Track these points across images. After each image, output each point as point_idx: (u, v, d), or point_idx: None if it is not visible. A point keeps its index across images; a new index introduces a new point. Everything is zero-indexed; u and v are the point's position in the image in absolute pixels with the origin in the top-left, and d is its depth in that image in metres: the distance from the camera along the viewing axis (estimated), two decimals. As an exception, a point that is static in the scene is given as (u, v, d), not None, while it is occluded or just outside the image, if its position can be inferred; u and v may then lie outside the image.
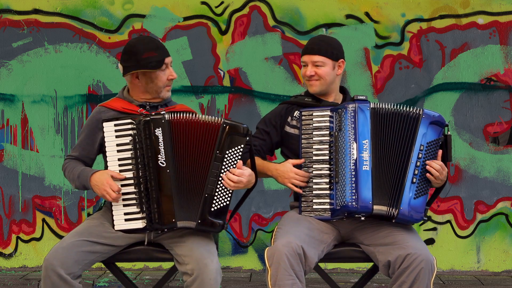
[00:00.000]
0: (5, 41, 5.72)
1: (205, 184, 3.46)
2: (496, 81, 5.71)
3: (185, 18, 5.73)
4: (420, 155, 3.52)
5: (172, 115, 3.48)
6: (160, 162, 3.45)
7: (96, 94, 5.72)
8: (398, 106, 3.57)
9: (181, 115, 3.49)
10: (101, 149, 3.61)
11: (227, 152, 3.46)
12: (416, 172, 3.51)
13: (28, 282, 5.39)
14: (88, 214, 5.69)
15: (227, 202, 3.47)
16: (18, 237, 5.76)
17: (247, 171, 3.52)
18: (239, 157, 3.47)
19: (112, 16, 5.72)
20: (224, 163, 3.46)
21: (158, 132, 3.45)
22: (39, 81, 5.73)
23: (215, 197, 3.46)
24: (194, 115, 3.51)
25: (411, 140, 3.53)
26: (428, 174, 3.53)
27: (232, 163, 3.47)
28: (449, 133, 3.60)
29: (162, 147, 3.44)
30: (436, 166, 3.52)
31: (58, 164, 5.66)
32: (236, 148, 3.47)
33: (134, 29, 5.72)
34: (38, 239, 5.76)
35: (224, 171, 3.46)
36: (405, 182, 3.50)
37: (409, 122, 3.55)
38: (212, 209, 3.45)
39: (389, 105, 3.58)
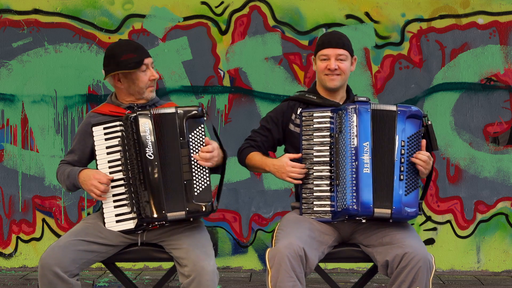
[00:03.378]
0: (5, 41, 5.71)
1: (182, 172, 3.49)
2: (496, 81, 5.70)
3: (185, 18, 5.73)
4: (403, 151, 3.51)
5: (155, 110, 3.54)
6: (148, 155, 3.49)
7: (96, 94, 5.71)
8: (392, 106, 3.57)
9: (162, 109, 3.54)
10: (93, 155, 3.64)
11: (190, 136, 3.52)
12: (402, 168, 3.50)
13: (28, 282, 5.39)
14: (88, 214, 5.68)
15: (208, 183, 3.51)
16: (18, 237, 5.76)
17: (214, 144, 3.57)
18: (203, 137, 3.54)
19: (112, 16, 5.72)
20: (191, 147, 3.51)
21: (145, 125, 3.49)
22: (39, 81, 5.72)
23: (194, 181, 3.49)
24: (170, 108, 3.56)
25: (392, 138, 3.51)
26: (417, 166, 3.51)
27: (198, 145, 3.52)
28: (429, 122, 3.59)
29: (150, 140, 3.49)
30: (422, 157, 3.52)
31: (58, 164, 5.64)
32: (196, 130, 3.53)
33: (134, 29, 5.72)
34: (38, 239, 5.75)
35: (193, 154, 3.51)
36: (393, 181, 3.49)
37: (388, 120, 3.53)
38: (196, 193, 3.48)
39: (388, 106, 3.57)
